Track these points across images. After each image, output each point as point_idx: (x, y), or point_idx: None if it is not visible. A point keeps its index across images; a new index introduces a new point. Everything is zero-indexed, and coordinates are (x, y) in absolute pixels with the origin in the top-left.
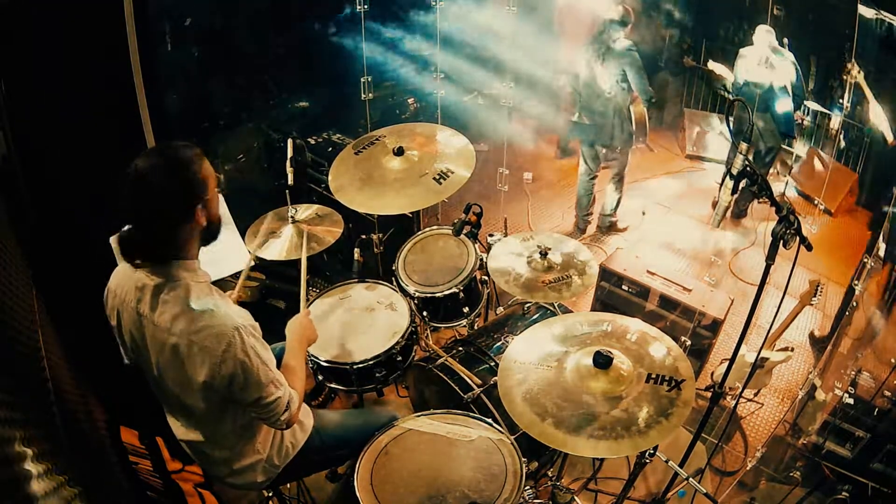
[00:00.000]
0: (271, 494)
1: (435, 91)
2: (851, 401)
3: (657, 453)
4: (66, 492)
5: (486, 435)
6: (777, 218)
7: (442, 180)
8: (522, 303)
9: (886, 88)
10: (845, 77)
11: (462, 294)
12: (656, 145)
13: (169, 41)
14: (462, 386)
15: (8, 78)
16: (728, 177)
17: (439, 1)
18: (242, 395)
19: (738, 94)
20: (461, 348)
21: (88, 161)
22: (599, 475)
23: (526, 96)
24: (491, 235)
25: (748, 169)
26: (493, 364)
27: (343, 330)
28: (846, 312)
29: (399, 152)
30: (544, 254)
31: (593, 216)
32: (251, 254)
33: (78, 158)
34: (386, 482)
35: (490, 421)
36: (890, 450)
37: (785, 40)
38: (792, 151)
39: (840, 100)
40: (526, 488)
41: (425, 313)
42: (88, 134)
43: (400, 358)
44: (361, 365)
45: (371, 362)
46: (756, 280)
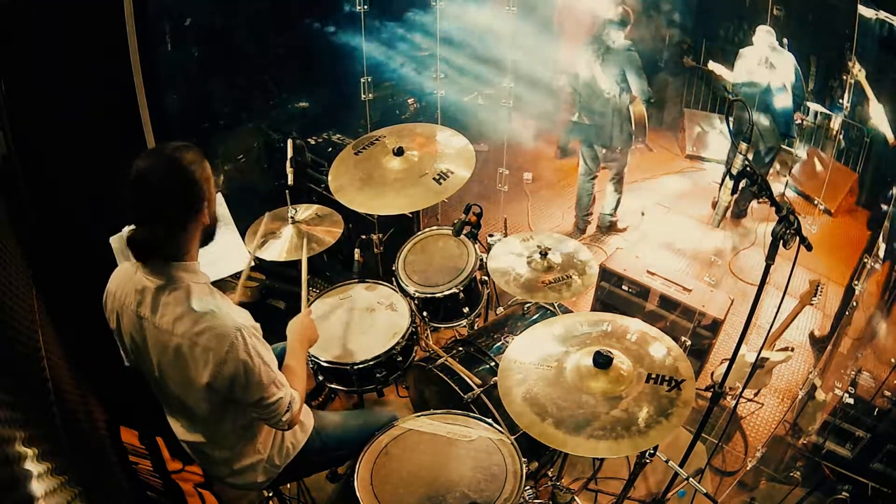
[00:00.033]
0: (271, 494)
1: (435, 91)
2: (851, 401)
3: (657, 453)
4: (66, 492)
5: (486, 435)
6: (777, 218)
7: (442, 180)
8: (522, 303)
9: (886, 88)
10: (845, 77)
11: (462, 294)
12: (656, 145)
13: (169, 41)
14: (462, 386)
15: (8, 78)
16: (728, 177)
17: (439, 1)
18: (244, 396)
19: (738, 95)
20: (461, 348)
21: (88, 161)
22: (599, 475)
23: (526, 97)
24: (491, 235)
25: (748, 169)
26: (493, 364)
27: (343, 330)
28: (846, 312)
29: (399, 152)
30: (544, 254)
31: (593, 216)
32: (251, 254)
33: (78, 158)
34: (386, 482)
35: (490, 421)
36: (890, 450)
37: (785, 40)
38: (792, 151)
39: (840, 100)
40: (526, 488)
41: (425, 313)
42: (88, 134)
43: (400, 358)
44: (362, 365)
45: (371, 363)
46: (756, 280)
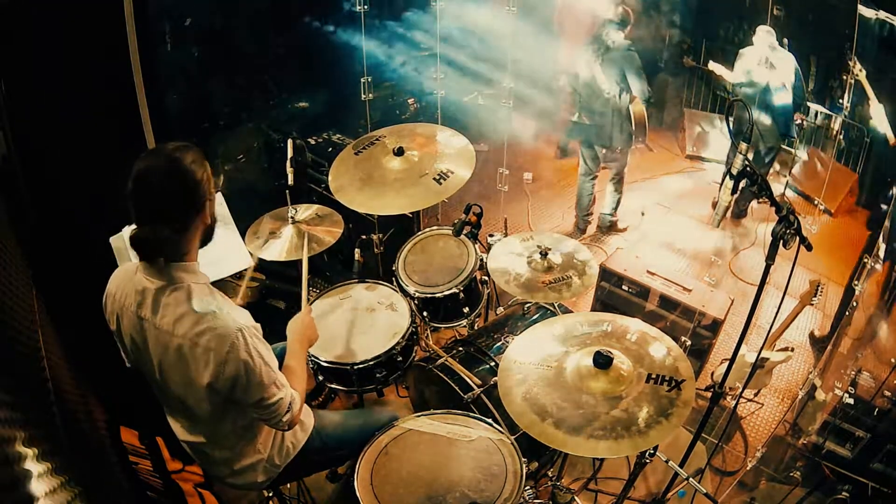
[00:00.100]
0: (271, 494)
1: (435, 91)
2: (851, 401)
3: (657, 453)
4: (66, 492)
5: (486, 435)
6: (777, 218)
7: (442, 180)
8: (522, 303)
9: (886, 88)
10: (845, 77)
11: (462, 294)
12: (656, 145)
13: (169, 41)
14: (462, 386)
15: (8, 78)
16: (728, 177)
17: (439, 1)
18: (245, 397)
19: (738, 95)
20: (461, 348)
21: (88, 161)
22: (599, 475)
23: (526, 97)
24: (491, 235)
25: (748, 169)
26: (493, 364)
27: (343, 330)
28: (846, 312)
29: (399, 152)
30: (544, 254)
31: (593, 216)
32: (253, 255)
33: (78, 158)
34: (386, 482)
35: (490, 421)
36: (890, 450)
37: (785, 40)
38: (792, 151)
39: (840, 100)
40: (526, 488)
41: (425, 313)
42: (88, 134)
43: (400, 358)
44: (362, 365)
45: (371, 362)
46: (756, 280)
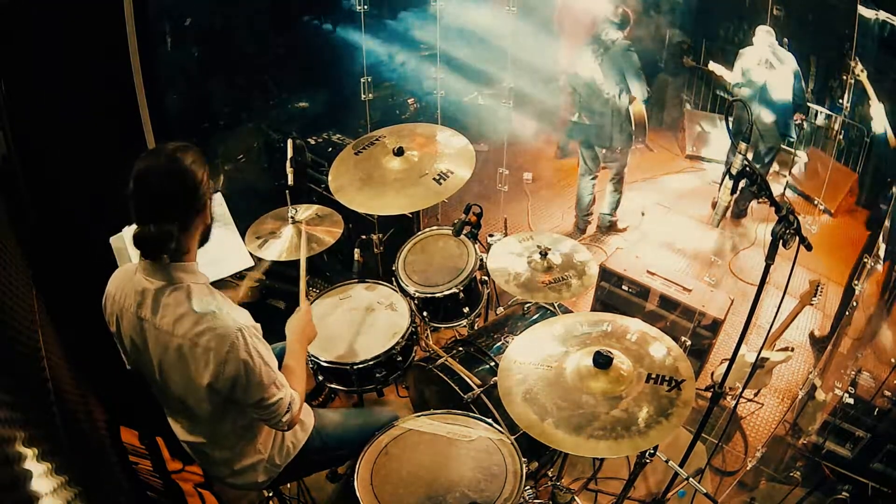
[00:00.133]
0: (271, 494)
1: (435, 91)
2: (851, 401)
3: (657, 453)
4: (66, 492)
5: (486, 435)
6: (777, 218)
7: (442, 181)
8: (522, 303)
9: (886, 89)
10: (845, 77)
11: (462, 294)
12: (656, 145)
13: (169, 41)
14: (462, 386)
15: (8, 78)
16: (728, 177)
17: (438, 1)
18: (245, 397)
19: (738, 95)
20: (461, 348)
21: (88, 161)
22: (599, 475)
23: (526, 97)
24: (491, 235)
25: (748, 169)
26: (493, 364)
27: (343, 330)
28: (846, 312)
29: (399, 152)
30: (544, 254)
31: (593, 216)
32: (253, 256)
33: (78, 158)
34: (386, 482)
35: (490, 421)
36: (890, 450)
37: (785, 40)
38: (792, 152)
39: (840, 100)
40: (526, 488)
41: (425, 313)
42: (88, 134)
43: (400, 358)
44: (361, 365)
45: (371, 362)
46: (756, 280)
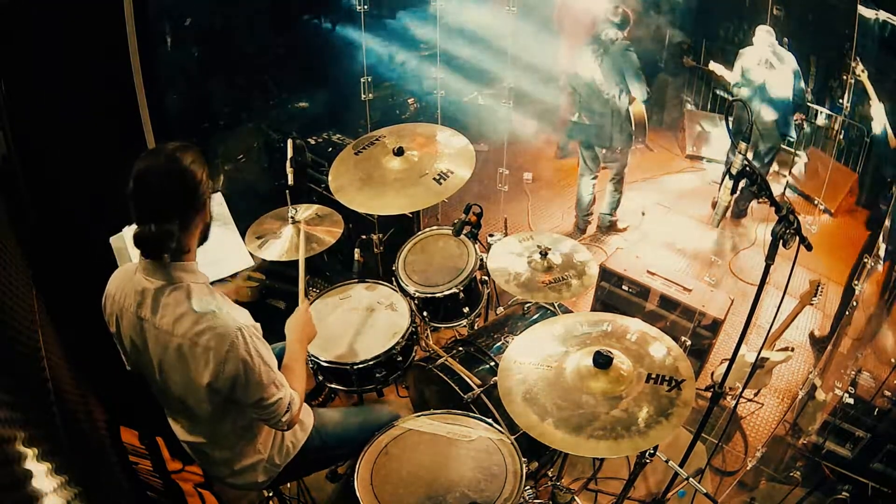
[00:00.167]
0: (271, 494)
1: (435, 91)
2: (851, 401)
3: (657, 453)
4: (66, 492)
5: (486, 435)
6: (777, 218)
7: (442, 180)
8: (522, 303)
9: (887, 88)
10: (845, 77)
11: (462, 294)
12: (656, 145)
13: (169, 41)
14: (462, 386)
15: (8, 78)
16: (728, 177)
17: (439, 1)
18: (244, 396)
19: (738, 95)
20: (461, 348)
21: (88, 161)
22: (599, 475)
23: (526, 97)
24: (491, 235)
25: (747, 169)
26: (493, 364)
27: (343, 330)
28: (846, 312)
29: (399, 152)
30: (544, 254)
31: (593, 216)
32: (254, 256)
33: (78, 158)
34: (386, 482)
35: (490, 421)
36: (890, 450)
37: (785, 40)
38: (792, 151)
39: (840, 100)
40: (526, 488)
41: (425, 313)
42: (88, 134)
43: (400, 358)
44: (362, 365)
45: (371, 362)
46: (756, 280)
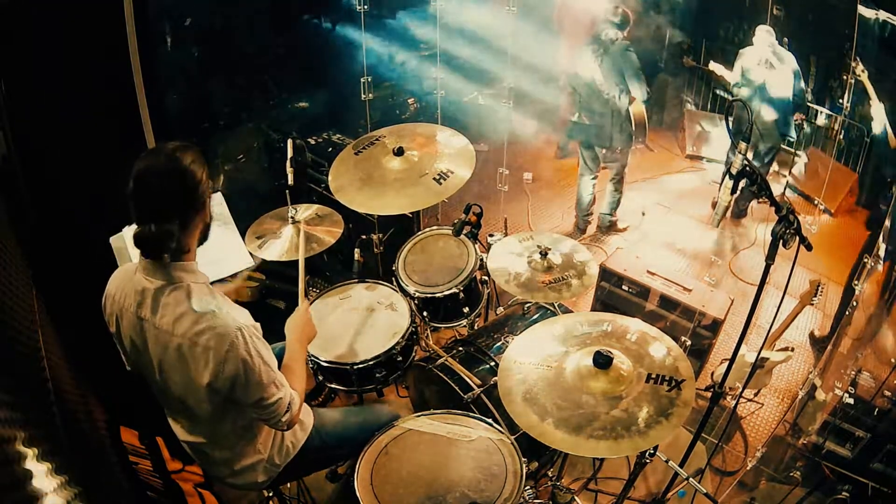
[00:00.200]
0: (271, 494)
1: (435, 91)
2: (851, 401)
3: (657, 453)
4: (66, 492)
5: (486, 435)
6: (777, 218)
7: (442, 180)
8: (522, 303)
9: (887, 88)
10: (845, 77)
11: (462, 294)
12: (656, 145)
13: (169, 41)
14: (462, 386)
15: (8, 78)
16: (728, 176)
17: (439, 1)
18: (244, 396)
19: (738, 95)
20: (461, 348)
21: (88, 161)
22: (599, 475)
23: (526, 97)
24: (491, 235)
25: (747, 169)
26: (493, 364)
27: (343, 330)
28: (846, 312)
29: (399, 152)
30: (544, 254)
31: (593, 216)
32: (254, 256)
33: (78, 158)
34: (386, 482)
35: (490, 421)
36: (890, 450)
37: (785, 40)
38: (792, 151)
39: (840, 100)
40: (526, 488)
41: (425, 313)
42: (88, 134)
43: (400, 358)
44: (362, 365)
45: (371, 362)
46: (756, 280)
